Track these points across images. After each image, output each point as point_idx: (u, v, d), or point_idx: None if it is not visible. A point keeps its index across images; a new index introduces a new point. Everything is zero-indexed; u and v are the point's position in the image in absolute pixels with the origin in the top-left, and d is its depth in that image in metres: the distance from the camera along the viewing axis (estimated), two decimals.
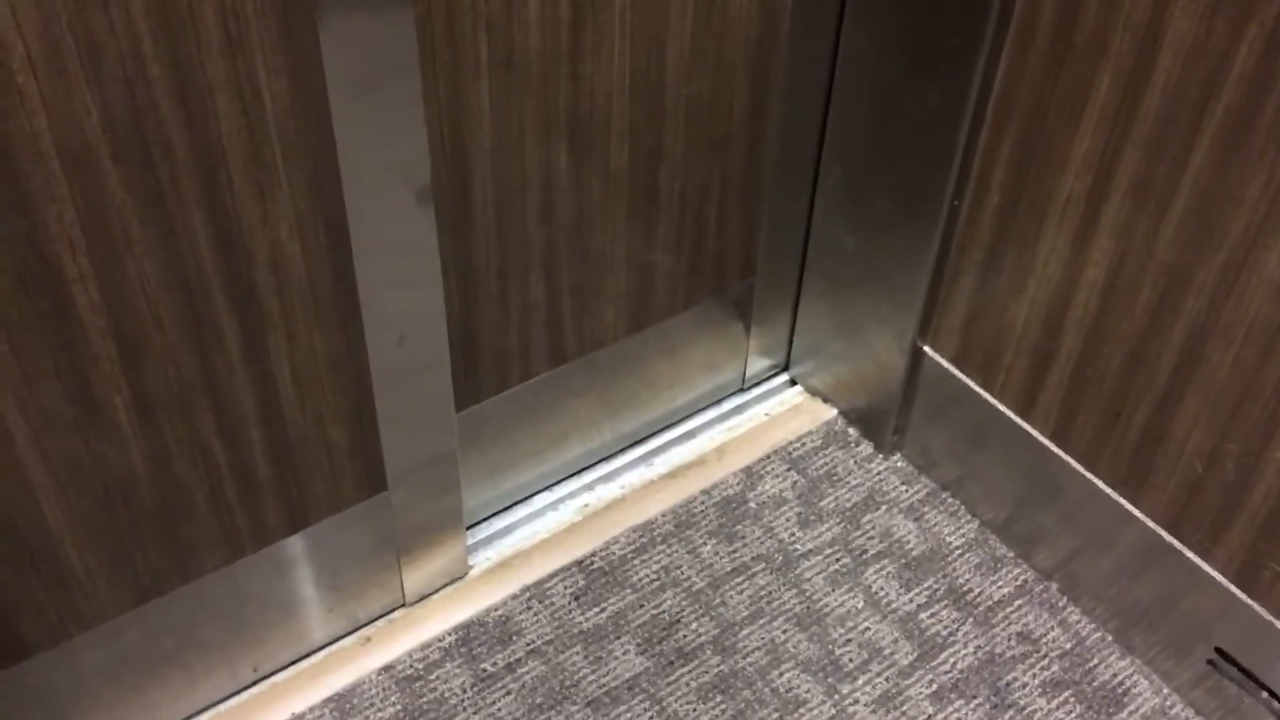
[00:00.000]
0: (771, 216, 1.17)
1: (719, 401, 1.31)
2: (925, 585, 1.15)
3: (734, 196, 1.11)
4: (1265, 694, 0.99)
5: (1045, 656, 1.10)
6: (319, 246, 0.84)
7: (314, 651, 1.08)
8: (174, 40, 0.70)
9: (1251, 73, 0.82)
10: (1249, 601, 0.97)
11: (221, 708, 1.04)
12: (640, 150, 1.00)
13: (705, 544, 1.18)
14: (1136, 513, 1.03)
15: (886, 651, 1.10)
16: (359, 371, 0.92)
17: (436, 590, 1.13)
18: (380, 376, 0.93)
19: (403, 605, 1.11)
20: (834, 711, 1.06)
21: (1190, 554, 1.00)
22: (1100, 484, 1.06)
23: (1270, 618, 0.96)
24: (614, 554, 1.17)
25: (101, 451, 0.82)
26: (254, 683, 1.05)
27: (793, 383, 1.35)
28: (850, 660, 1.09)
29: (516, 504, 1.21)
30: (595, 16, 0.89)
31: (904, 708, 1.06)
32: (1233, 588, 0.98)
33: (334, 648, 1.09)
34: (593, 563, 1.16)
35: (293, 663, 1.07)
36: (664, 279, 1.12)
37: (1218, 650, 1.02)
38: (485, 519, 1.19)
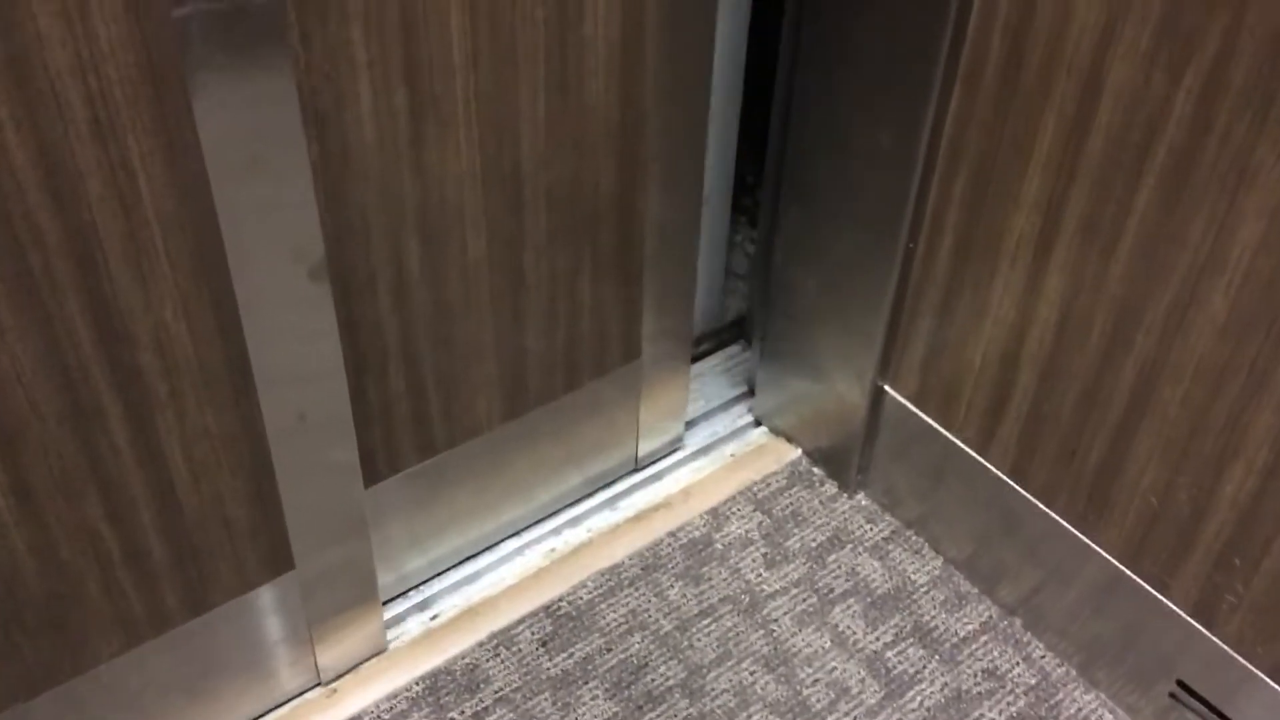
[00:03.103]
0: (659, 295, 1.14)
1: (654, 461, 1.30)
2: (891, 623, 1.16)
3: (609, 279, 1.09)
4: None
5: (1011, 692, 1.11)
6: (207, 327, 0.83)
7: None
8: (39, 125, 0.68)
9: (1191, 116, 0.84)
10: (1207, 634, 0.98)
11: None
12: (500, 238, 0.98)
13: (672, 586, 1.19)
14: (1095, 547, 1.04)
15: (854, 691, 1.10)
16: (257, 450, 0.91)
17: (353, 668, 1.10)
18: (281, 454, 0.92)
19: (318, 685, 1.09)
20: None
21: (1149, 588, 1.01)
22: (1059, 519, 1.07)
23: (1228, 650, 0.97)
24: (581, 598, 1.17)
25: None
26: None
27: (758, 423, 1.36)
28: (818, 701, 1.10)
29: (483, 551, 1.21)
30: (436, 107, 0.87)
31: None
32: (1191, 620, 0.99)
33: (299, 701, 1.08)
34: (560, 608, 1.16)
35: None
36: (539, 366, 1.09)
37: (1179, 683, 1.03)
38: (448, 569, 1.19)
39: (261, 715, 1.06)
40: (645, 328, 1.16)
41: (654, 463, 1.30)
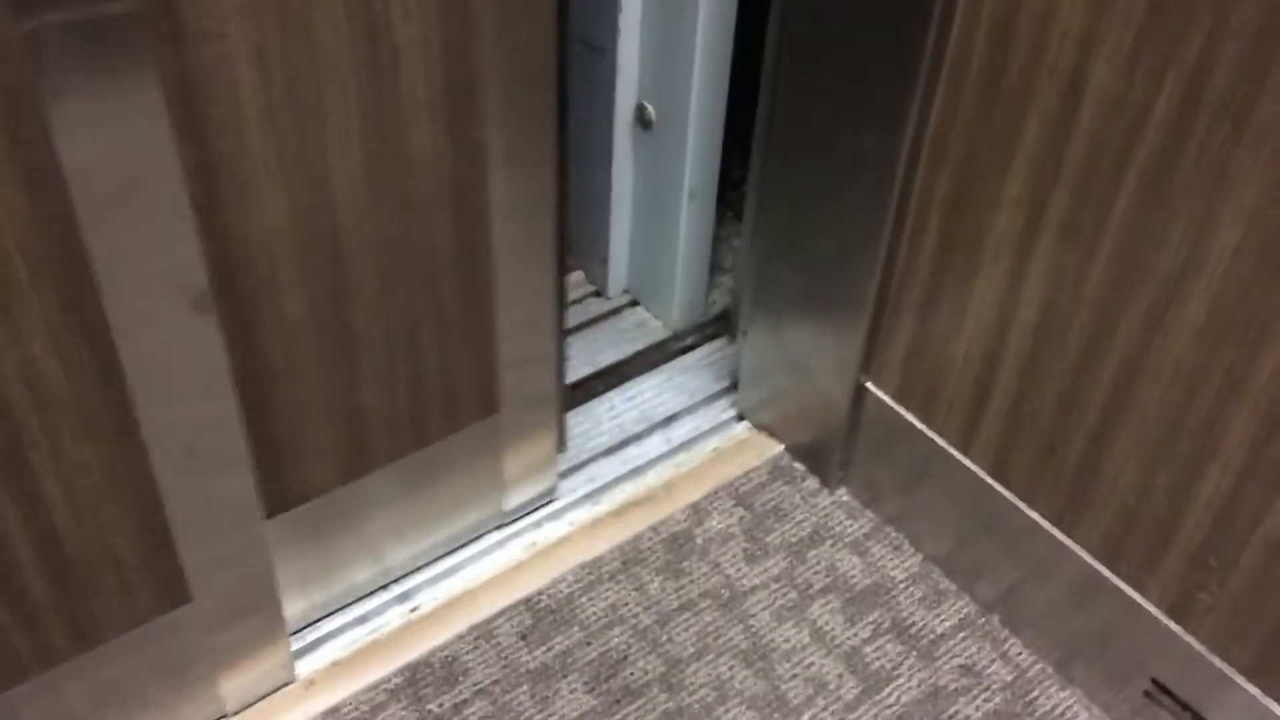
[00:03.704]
0: (516, 347, 1.09)
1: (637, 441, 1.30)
2: (870, 619, 1.16)
3: (456, 334, 1.04)
4: None
5: (987, 689, 1.11)
6: (81, 361, 0.80)
7: None
8: None
9: (1172, 120, 0.84)
10: (1182, 633, 0.99)
11: None
12: (322, 297, 0.92)
13: (653, 581, 1.19)
14: (1073, 546, 1.05)
15: (831, 686, 1.11)
16: (143, 484, 0.88)
17: (262, 698, 1.08)
18: (170, 488, 0.89)
19: (225, 716, 1.07)
20: None
21: (1125, 587, 1.02)
22: (1038, 518, 1.07)
23: (1202, 649, 0.98)
24: (561, 592, 1.17)
25: None
26: None
27: (741, 418, 1.36)
28: (796, 696, 1.10)
29: (467, 544, 1.21)
30: (229, 164, 0.81)
31: None
32: (1167, 620, 1.00)
33: (277, 695, 1.08)
34: (540, 601, 1.17)
35: None
36: (382, 425, 1.04)
37: (1154, 682, 1.03)
38: (420, 568, 1.19)
39: None
40: (503, 381, 1.10)
41: (524, 516, 1.25)
